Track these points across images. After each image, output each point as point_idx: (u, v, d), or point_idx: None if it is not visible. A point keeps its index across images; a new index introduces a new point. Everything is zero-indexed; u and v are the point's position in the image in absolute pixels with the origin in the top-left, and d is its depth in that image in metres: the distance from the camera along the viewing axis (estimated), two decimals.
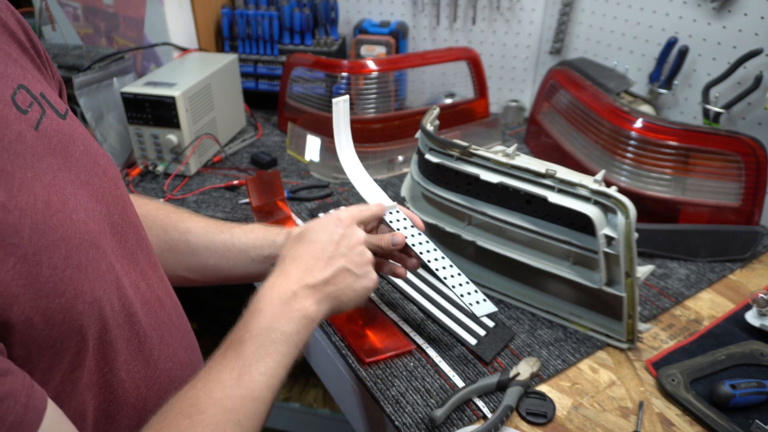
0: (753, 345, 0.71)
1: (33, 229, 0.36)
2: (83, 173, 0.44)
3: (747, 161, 0.87)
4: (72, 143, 0.44)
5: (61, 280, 0.37)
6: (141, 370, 0.48)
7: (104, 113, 1.11)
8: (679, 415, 0.64)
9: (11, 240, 0.34)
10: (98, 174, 0.46)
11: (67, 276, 0.38)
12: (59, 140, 0.43)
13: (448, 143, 0.74)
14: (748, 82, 0.97)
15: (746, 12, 0.98)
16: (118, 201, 0.49)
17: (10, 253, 0.34)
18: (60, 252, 0.38)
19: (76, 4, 1.24)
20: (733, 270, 0.88)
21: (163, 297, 0.53)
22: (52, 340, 0.38)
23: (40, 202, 0.37)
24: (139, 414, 0.48)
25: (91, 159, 0.46)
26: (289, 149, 1.22)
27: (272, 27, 1.32)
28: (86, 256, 0.40)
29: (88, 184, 0.44)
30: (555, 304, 0.78)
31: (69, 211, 0.40)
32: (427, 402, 0.65)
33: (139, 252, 0.51)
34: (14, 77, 0.42)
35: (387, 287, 0.83)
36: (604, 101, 0.99)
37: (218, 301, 1.69)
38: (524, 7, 1.31)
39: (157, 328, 0.51)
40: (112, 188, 0.48)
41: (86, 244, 0.40)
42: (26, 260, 0.35)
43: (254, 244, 0.67)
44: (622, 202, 0.64)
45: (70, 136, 0.44)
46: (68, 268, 0.38)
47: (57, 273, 0.37)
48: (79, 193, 0.43)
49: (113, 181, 0.48)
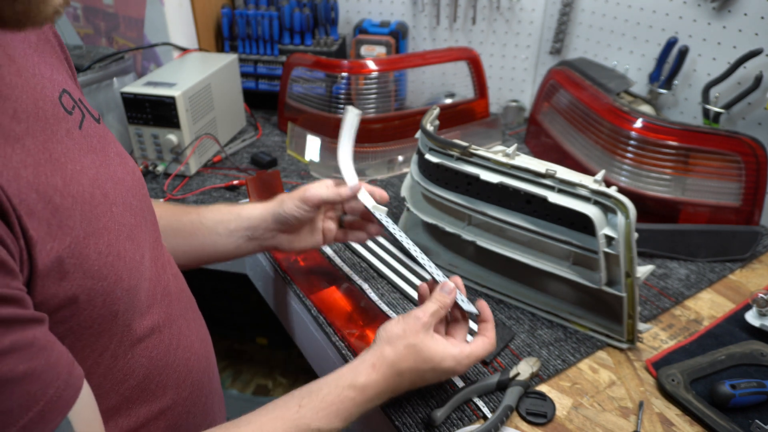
0: (753, 345, 0.71)
1: (82, 215, 0.40)
2: (119, 171, 0.48)
3: (747, 161, 0.87)
4: (108, 145, 0.49)
5: (105, 265, 0.41)
6: (162, 358, 0.51)
7: (104, 113, 1.11)
8: (679, 415, 0.64)
9: (67, 222, 0.38)
10: (129, 174, 0.50)
11: (109, 262, 0.42)
12: (98, 141, 0.47)
13: (448, 143, 0.74)
14: (748, 82, 0.97)
15: (746, 12, 0.98)
16: (145, 201, 0.53)
17: (66, 233, 0.38)
18: (104, 239, 0.41)
19: (76, 4, 1.24)
20: (733, 270, 0.88)
21: (183, 289, 0.57)
22: (91, 321, 0.41)
23: (86, 193, 0.41)
24: (155, 401, 0.51)
25: (122, 160, 0.50)
26: (289, 149, 1.22)
27: (272, 27, 1.32)
28: (124, 246, 0.44)
29: (123, 182, 0.48)
30: (555, 304, 0.78)
31: (109, 204, 0.44)
32: (427, 402, 0.65)
33: (160, 247, 0.55)
34: (59, 82, 0.46)
35: (387, 287, 0.83)
36: (604, 101, 0.99)
37: (218, 301, 1.69)
38: (524, 7, 1.31)
39: (177, 319, 0.54)
40: (140, 187, 0.52)
41: (123, 236, 0.44)
42: (78, 242, 0.39)
43: (221, 219, 0.70)
44: (622, 202, 0.64)
45: (105, 139, 0.49)
46: (110, 255, 0.42)
47: (102, 258, 0.41)
48: (117, 188, 0.47)
49: (140, 181, 0.53)
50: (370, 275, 0.85)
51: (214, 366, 0.63)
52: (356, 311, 0.78)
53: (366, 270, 0.87)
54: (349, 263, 0.88)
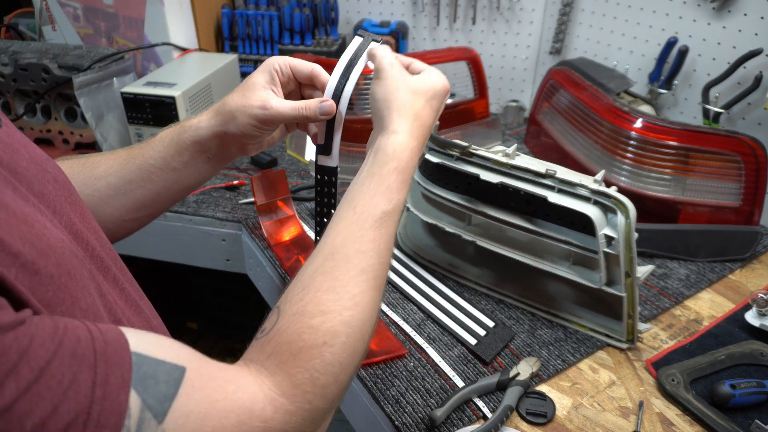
0: (753, 345, 0.71)
1: (23, 239, 0.35)
2: (35, 184, 0.42)
3: (747, 161, 0.87)
4: (16, 154, 0.42)
5: (58, 288, 0.36)
6: None
7: (104, 113, 1.11)
8: (679, 415, 0.64)
9: (10, 249, 0.33)
10: (50, 182, 0.44)
11: (62, 284, 0.37)
12: (3, 152, 0.40)
13: (448, 143, 0.74)
14: (748, 82, 0.97)
15: (746, 12, 0.98)
16: (75, 207, 0.46)
17: (11, 263, 0.33)
18: (51, 260, 0.36)
19: (76, 4, 1.24)
20: (733, 270, 0.88)
21: (137, 300, 0.52)
22: None
23: (18, 213, 0.36)
24: None
25: (39, 167, 0.44)
26: (289, 149, 1.22)
27: (272, 27, 1.32)
28: (71, 263, 0.39)
29: (43, 196, 0.42)
30: (555, 304, 0.78)
31: (43, 220, 0.38)
32: (427, 402, 0.65)
33: (105, 256, 0.49)
34: None
35: (387, 287, 0.83)
36: (604, 101, 0.99)
37: (218, 301, 1.69)
38: (524, 7, 1.31)
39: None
40: (66, 195, 0.46)
41: (67, 252, 0.39)
42: (26, 269, 0.34)
43: (167, 154, 0.64)
44: (622, 202, 0.64)
45: (11, 146, 0.42)
46: (62, 276, 0.37)
47: (54, 281, 0.36)
48: (38, 208, 0.41)
49: (65, 187, 0.46)
50: None
51: None
52: None
53: None
54: None
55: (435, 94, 0.59)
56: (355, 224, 0.50)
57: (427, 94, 0.58)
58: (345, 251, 0.48)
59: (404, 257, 0.88)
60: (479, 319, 0.76)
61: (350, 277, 0.47)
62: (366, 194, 0.52)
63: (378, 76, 0.58)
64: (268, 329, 0.44)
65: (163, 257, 1.08)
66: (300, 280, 0.48)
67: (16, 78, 1.09)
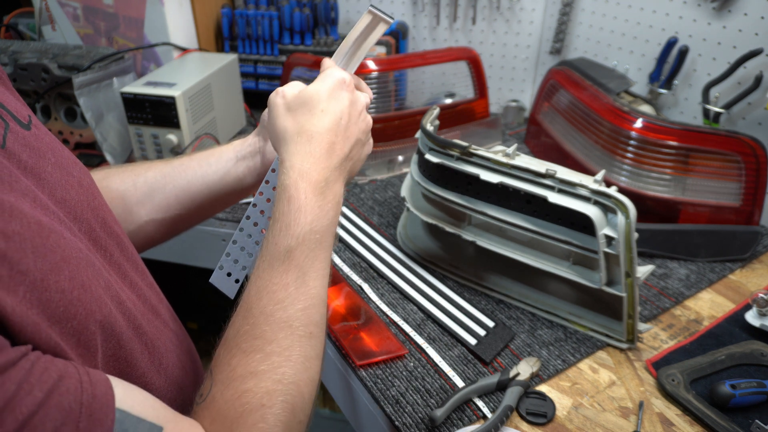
0: (753, 345, 0.71)
1: (35, 253, 0.34)
2: (58, 190, 0.41)
3: (747, 161, 0.87)
4: (42, 158, 0.41)
5: (70, 303, 0.35)
6: (156, 381, 0.47)
7: (104, 113, 1.11)
8: (679, 415, 0.64)
9: (19, 267, 0.32)
10: (74, 187, 0.44)
11: (75, 297, 0.36)
12: (29, 156, 0.40)
13: (448, 143, 0.74)
14: (748, 82, 0.97)
15: (746, 12, 0.98)
16: (97, 213, 0.46)
17: (20, 281, 0.32)
18: (64, 273, 0.36)
19: (76, 4, 1.24)
20: (733, 270, 0.88)
21: (157, 304, 0.52)
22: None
23: (33, 224, 0.35)
24: None
25: (64, 172, 0.43)
26: None
27: (272, 27, 1.32)
28: (86, 274, 0.38)
29: (65, 203, 0.42)
30: (555, 304, 0.78)
31: (60, 230, 0.38)
32: (427, 402, 0.65)
33: (125, 262, 0.48)
34: None
35: (387, 287, 0.83)
36: (604, 101, 0.98)
37: (218, 301, 1.68)
38: (524, 7, 1.31)
39: (160, 336, 0.49)
40: (89, 200, 0.45)
41: (83, 263, 0.38)
42: (35, 287, 0.33)
43: (204, 155, 0.64)
44: (622, 202, 0.64)
45: (38, 150, 0.41)
46: (75, 290, 0.36)
47: (65, 296, 0.35)
48: (64, 208, 0.41)
49: (89, 192, 0.46)
50: (370, 275, 0.85)
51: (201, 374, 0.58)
52: (351, 312, 0.78)
53: (366, 270, 0.87)
54: (349, 263, 0.88)
55: (313, 100, 0.52)
56: (265, 271, 0.47)
57: (308, 104, 0.52)
58: (260, 304, 0.45)
59: (404, 257, 0.88)
60: (479, 319, 0.76)
61: (273, 332, 0.44)
62: (268, 235, 0.48)
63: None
64: (204, 395, 0.43)
65: (163, 257, 1.08)
66: (225, 342, 0.45)
67: (15, 78, 1.09)
